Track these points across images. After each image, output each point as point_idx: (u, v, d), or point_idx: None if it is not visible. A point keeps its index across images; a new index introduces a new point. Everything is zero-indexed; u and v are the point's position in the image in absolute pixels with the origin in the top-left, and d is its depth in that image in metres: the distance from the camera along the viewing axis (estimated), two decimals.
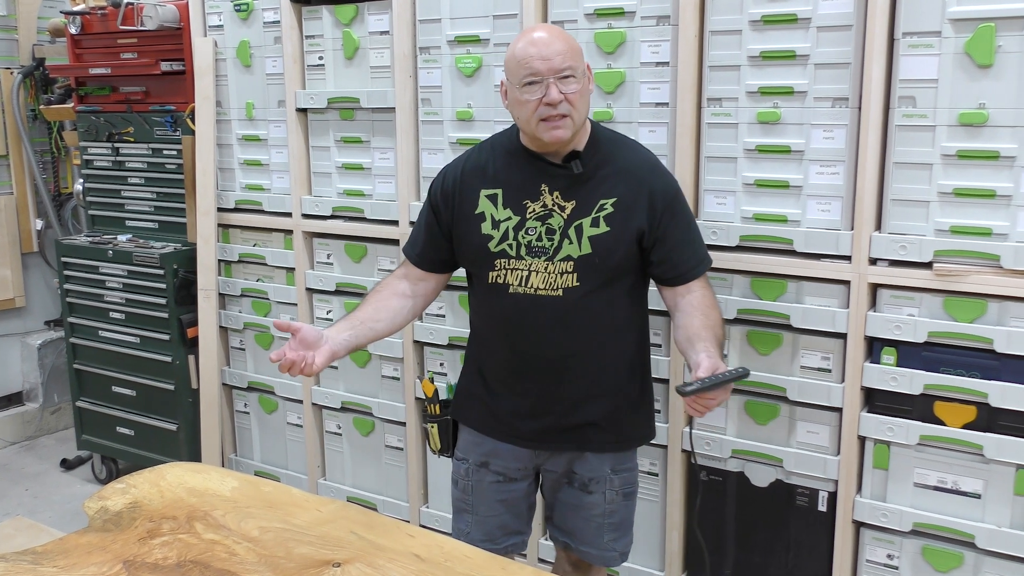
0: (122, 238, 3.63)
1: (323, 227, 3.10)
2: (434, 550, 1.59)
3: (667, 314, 2.38)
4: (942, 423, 2.16)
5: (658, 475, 2.58)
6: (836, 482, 2.30)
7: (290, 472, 3.38)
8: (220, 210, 3.36)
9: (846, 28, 2.14)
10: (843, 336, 2.24)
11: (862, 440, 2.27)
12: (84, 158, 3.76)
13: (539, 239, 1.94)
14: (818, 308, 2.26)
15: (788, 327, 2.31)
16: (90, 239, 3.68)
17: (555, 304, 1.94)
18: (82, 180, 3.82)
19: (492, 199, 1.99)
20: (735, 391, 2.40)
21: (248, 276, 3.38)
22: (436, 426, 2.20)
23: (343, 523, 1.68)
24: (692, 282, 1.97)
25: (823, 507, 2.34)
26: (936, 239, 2.11)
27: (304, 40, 3.03)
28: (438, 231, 2.07)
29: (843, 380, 2.26)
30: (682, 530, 2.57)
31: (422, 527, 2.34)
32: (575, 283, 1.93)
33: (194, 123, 3.30)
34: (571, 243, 1.92)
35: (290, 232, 3.18)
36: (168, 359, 3.46)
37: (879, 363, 2.21)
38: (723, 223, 2.36)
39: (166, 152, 3.49)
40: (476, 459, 2.11)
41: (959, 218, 2.09)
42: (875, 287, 2.21)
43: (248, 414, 3.48)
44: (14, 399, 4.40)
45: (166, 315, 3.43)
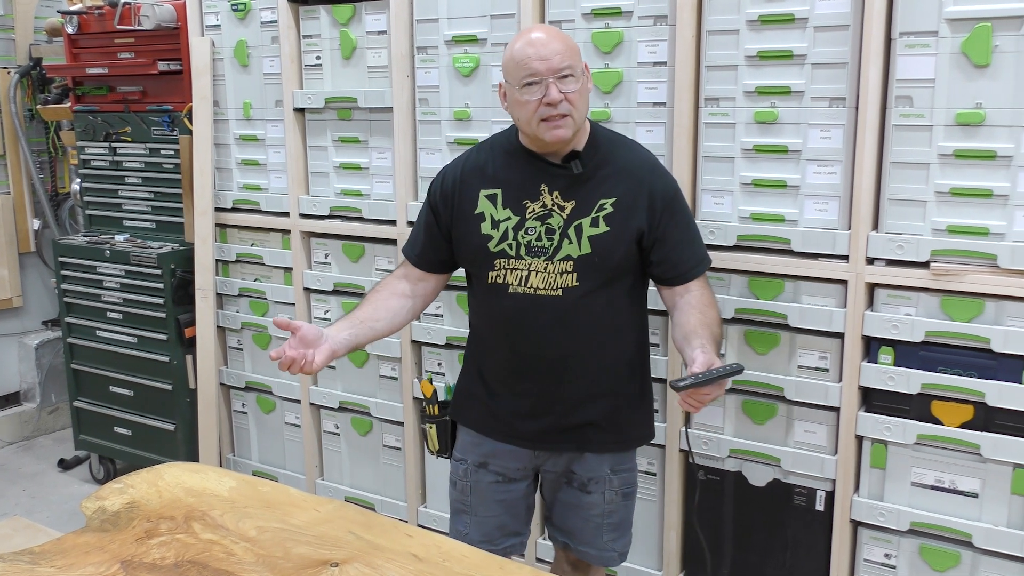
0: (119, 238, 3.63)
1: (321, 227, 3.10)
2: (432, 550, 1.59)
3: (665, 314, 2.39)
4: (939, 422, 2.16)
5: (656, 475, 2.58)
6: (834, 481, 2.31)
7: (288, 472, 3.38)
8: (217, 210, 3.35)
9: (843, 28, 2.14)
10: (840, 336, 2.24)
11: (859, 439, 2.27)
12: (81, 158, 3.75)
13: (539, 239, 1.94)
14: (815, 308, 2.26)
15: (785, 327, 2.32)
16: (87, 239, 3.68)
17: (555, 304, 1.93)
18: (79, 180, 3.81)
19: (492, 199, 1.99)
20: (732, 390, 2.40)
21: (246, 276, 3.37)
22: (434, 427, 2.20)
23: (341, 523, 1.68)
24: (691, 282, 1.98)
25: (821, 506, 2.34)
26: (933, 239, 2.11)
27: (301, 40, 3.03)
28: (437, 231, 2.07)
29: (840, 380, 2.26)
30: (680, 530, 2.57)
31: (420, 527, 2.33)
32: (575, 283, 1.93)
33: (191, 123, 3.29)
34: (571, 243, 1.92)
35: (288, 232, 3.18)
36: (166, 359, 3.46)
37: (876, 362, 2.21)
38: (720, 223, 2.37)
39: (163, 152, 3.49)
40: (475, 459, 2.11)
41: (956, 218, 2.09)
42: (872, 287, 2.21)
43: (246, 414, 3.48)
44: (11, 399, 4.39)
45: (163, 315, 3.43)
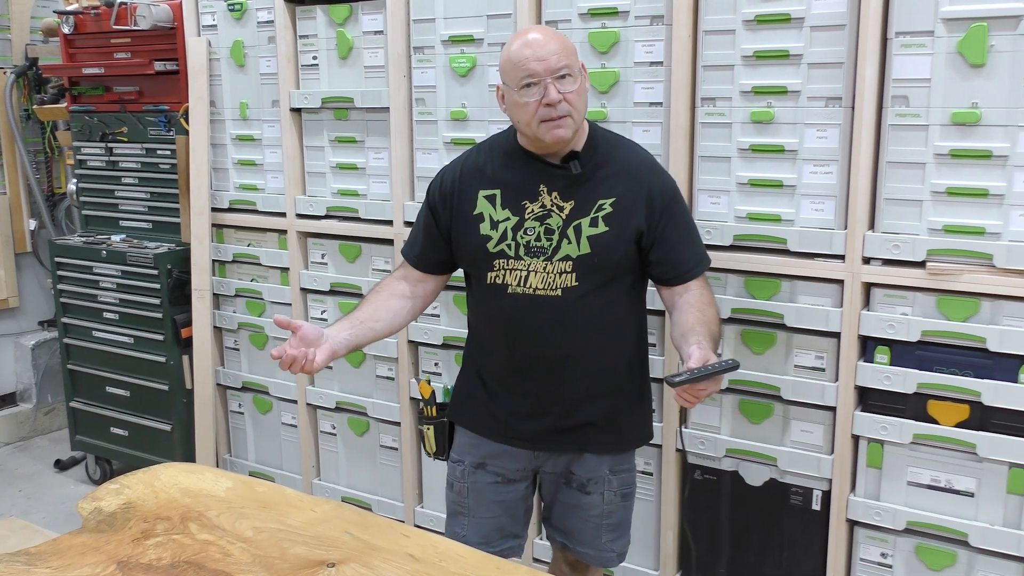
0: (116, 238, 3.62)
1: (317, 227, 3.09)
2: (429, 550, 1.59)
3: (662, 313, 2.40)
4: (935, 422, 2.16)
5: (652, 474, 2.58)
6: (830, 481, 2.31)
7: (284, 472, 3.38)
8: (214, 210, 3.35)
9: (839, 28, 2.14)
10: (837, 335, 2.25)
11: (856, 439, 2.27)
12: (77, 158, 3.75)
13: (538, 239, 1.94)
14: (812, 307, 2.27)
15: (782, 326, 2.32)
16: (84, 239, 3.67)
17: (554, 304, 1.93)
18: (75, 180, 3.81)
19: (490, 200, 1.99)
20: (729, 390, 2.41)
21: (242, 276, 3.37)
22: (432, 428, 2.20)
23: (337, 523, 1.68)
24: (691, 282, 1.98)
25: (817, 506, 2.35)
26: (929, 238, 2.11)
27: (298, 40, 3.03)
28: (437, 232, 2.07)
29: (837, 379, 2.26)
30: (677, 529, 2.57)
31: (417, 527, 2.33)
32: (574, 283, 1.93)
33: (188, 123, 3.29)
34: (570, 243, 1.92)
35: (284, 232, 3.18)
36: (162, 359, 3.45)
37: (872, 362, 2.21)
38: (717, 223, 2.37)
39: (160, 152, 3.48)
40: (473, 461, 2.11)
41: (952, 217, 2.09)
42: (868, 286, 2.21)
43: (242, 414, 3.48)
44: (8, 400, 4.39)
45: (160, 315, 3.43)
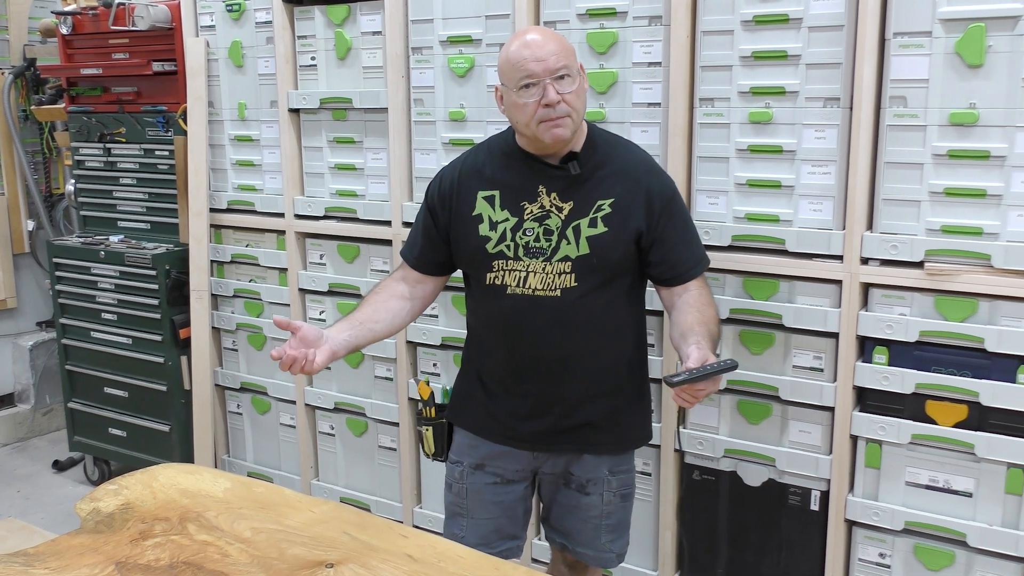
0: (114, 239, 3.62)
1: (316, 227, 3.09)
2: (427, 550, 1.59)
3: (660, 314, 2.40)
4: (933, 422, 2.16)
5: (651, 475, 2.58)
6: (828, 481, 2.31)
7: (283, 473, 3.38)
8: (212, 211, 3.35)
9: (837, 28, 2.15)
10: (835, 335, 2.25)
11: (854, 439, 2.27)
12: (76, 159, 3.75)
13: (537, 240, 1.94)
14: (810, 308, 2.27)
15: (780, 327, 2.32)
16: (82, 240, 3.67)
17: (553, 304, 1.93)
18: (74, 181, 3.81)
19: (489, 201, 1.99)
20: (727, 390, 2.41)
21: (241, 277, 3.37)
22: (431, 429, 2.20)
23: (336, 524, 1.68)
24: (690, 282, 1.98)
25: (815, 506, 2.35)
26: (927, 238, 2.12)
27: (296, 40, 3.03)
28: (436, 234, 2.07)
29: (835, 379, 2.26)
30: (675, 529, 2.57)
31: (415, 527, 2.34)
32: (573, 283, 1.93)
33: (186, 123, 3.29)
34: (569, 243, 1.92)
35: (283, 232, 3.18)
36: (160, 360, 3.45)
37: (871, 362, 2.21)
38: (715, 223, 2.37)
39: (158, 152, 3.48)
40: (472, 462, 2.11)
41: (950, 217, 2.09)
42: (867, 286, 2.21)
43: (241, 415, 3.48)
44: (6, 400, 4.38)
45: (158, 316, 3.42)
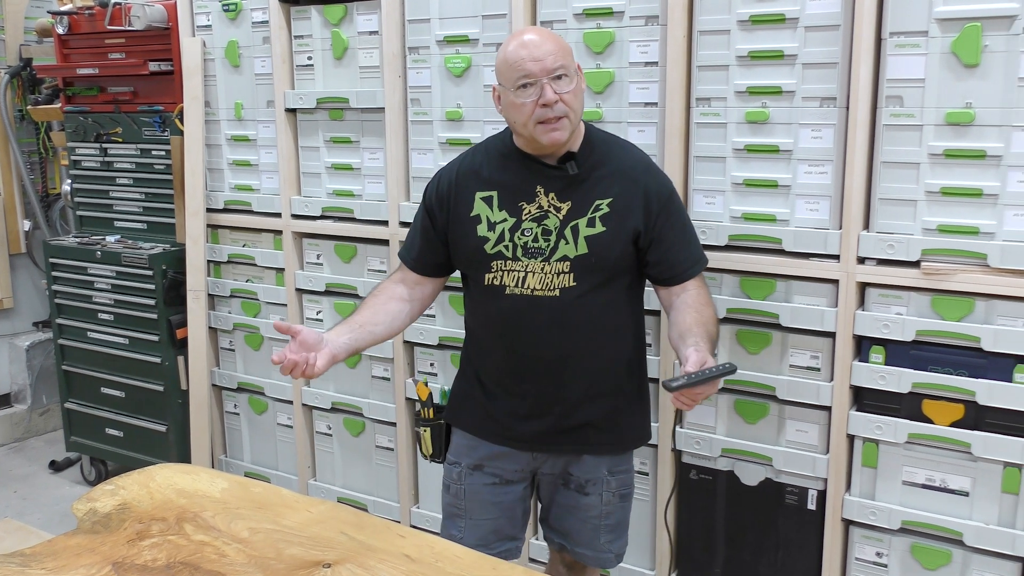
0: (110, 239, 3.62)
1: (313, 227, 3.09)
2: (424, 550, 1.59)
3: (657, 314, 2.40)
4: (930, 421, 2.16)
5: (648, 474, 2.58)
6: (825, 480, 2.31)
7: (280, 473, 3.37)
8: (209, 210, 3.35)
9: (834, 28, 2.15)
10: (832, 335, 2.25)
11: (851, 438, 2.28)
12: (72, 159, 3.74)
13: (535, 240, 1.94)
14: (807, 307, 2.27)
15: (777, 326, 2.32)
16: (78, 240, 3.66)
17: (552, 304, 1.93)
18: (70, 181, 3.80)
19: (487, 201, 1.99)
20: (724, 390, 2.41)
21: (237, 277, 3.37)
22: (429, 430, 2.19)
23: (333, 524, 1.68)
24: (688, 281, 1.98)
25: (812, 505, 2.35)
26: (924, 238, 2.12)
27: (293, 40, 3.03)
28: (434, 235, 2.07)
29: (832, 379, 2.26)
30: (672, 529, 2.57)
31: (412, 527, 2.33)
32: (572, 283, 1.93)
33: (182, 123, 3.29)
34: (567, 243, 1.92)
35: (279, 232, 3.18)
36: (157, 360, 3.45)
37: (867, 362, 2.21)
38: (712, 223, 2.37)
39: (154, 152, 3.48)
40: (470, 462, 2.10)
41: (946, 217, 2.10)
42: (863, 286, 2.22)
43: (238, 415, 3.47)
44: (2, 401, 4.38)
45: (155, 316, 3.42)
